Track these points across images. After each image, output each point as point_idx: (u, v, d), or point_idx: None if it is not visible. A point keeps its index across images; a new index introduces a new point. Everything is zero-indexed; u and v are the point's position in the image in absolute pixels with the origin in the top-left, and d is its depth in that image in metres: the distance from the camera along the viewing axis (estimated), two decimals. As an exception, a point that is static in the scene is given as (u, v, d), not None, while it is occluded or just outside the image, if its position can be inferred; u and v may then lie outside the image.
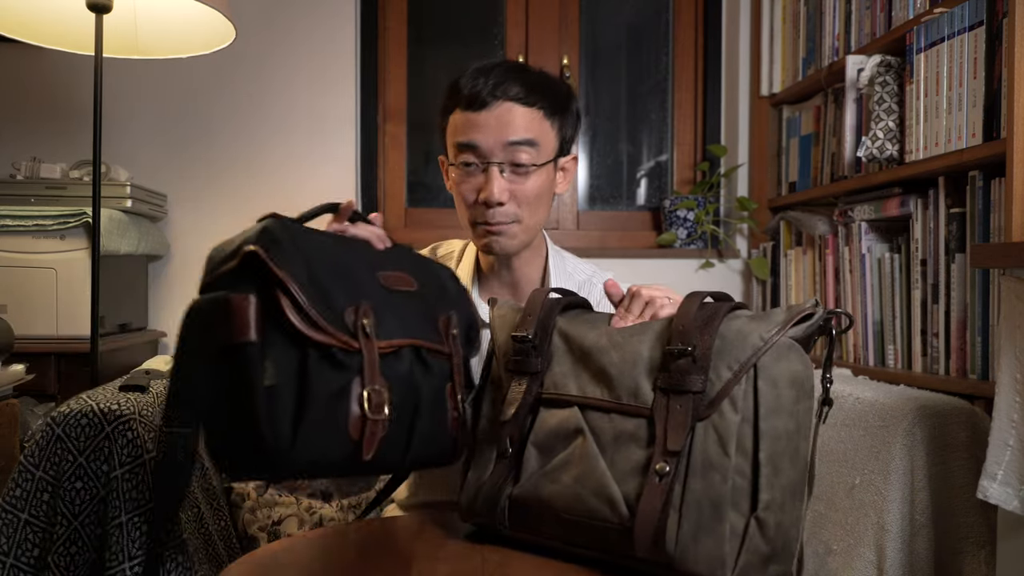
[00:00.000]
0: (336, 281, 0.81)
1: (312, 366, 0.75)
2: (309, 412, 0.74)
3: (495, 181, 1.13)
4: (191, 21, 1.83)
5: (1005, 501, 1.14)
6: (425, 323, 0.91)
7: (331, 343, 0.76)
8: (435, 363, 0.89)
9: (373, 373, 0.79)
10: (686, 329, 0.78)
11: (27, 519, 1.04)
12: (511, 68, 1.17)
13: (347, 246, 0.90)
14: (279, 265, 0.74)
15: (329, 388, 0.76)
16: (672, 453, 0.74)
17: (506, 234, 1.16)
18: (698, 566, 0.72)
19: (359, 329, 0.79)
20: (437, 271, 1.01)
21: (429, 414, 0.87)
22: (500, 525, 0.84)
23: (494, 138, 1.13)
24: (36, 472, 1.05)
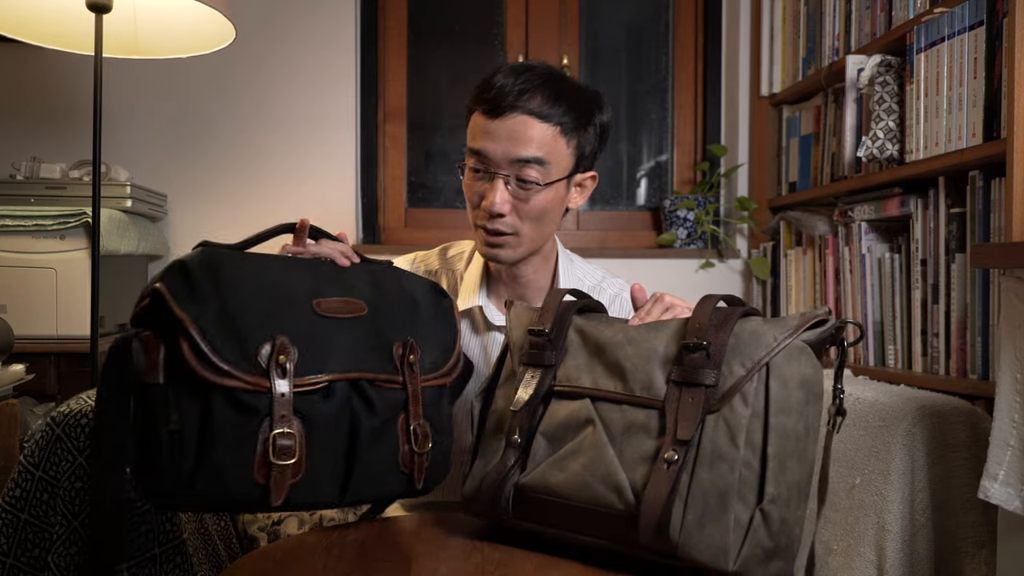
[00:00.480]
0: (254, 316, 0.78)
1: (216, 411, 0.74)
2: (212, 456, 0.73)
3: (498, 192, 1.11)
4: (191, 21, 1.83)
5: (1006, 501, 1.14)
6: (371, 352, 0.86)
7: (236, 386, 0.74)
8: (381, 395, 0.85)
9: (283, 415, 0.76)
10: (702, 326, 0.80)
11: (27, 519, 1.04)
12: (542, 76, 1.12)
13: (289, 272, 0.86)
14: (182, 306, 0.73)
15: (234, 433, 0.75)
16: (681, 442, 0.76)
17: (505, 246, 1.15)
18: (701, 555, 0.72)
19: (272, 368, 0.76)
20: (411, 288, 0.96)
21: (370, 451, 0.83)
22: (503, 514, 0.84)
23: (503, 150, 1.11)
24: (36, 472, 1.05)
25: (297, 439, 0.77)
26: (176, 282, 0.75)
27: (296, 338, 0.79)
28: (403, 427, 0.87)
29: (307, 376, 0.79)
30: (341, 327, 0.85)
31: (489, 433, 0.91)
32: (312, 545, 0.85)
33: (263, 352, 0.76)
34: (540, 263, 1.24)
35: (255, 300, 0.79)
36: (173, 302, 0.73)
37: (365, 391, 0.84)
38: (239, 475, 0.75)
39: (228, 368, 0.74)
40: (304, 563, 0.80)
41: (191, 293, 0.75)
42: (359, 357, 0.85)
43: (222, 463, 0.74)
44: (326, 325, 0.83)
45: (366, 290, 0.91)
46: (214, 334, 0.74)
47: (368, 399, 0.84)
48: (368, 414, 0.84)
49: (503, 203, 1.12)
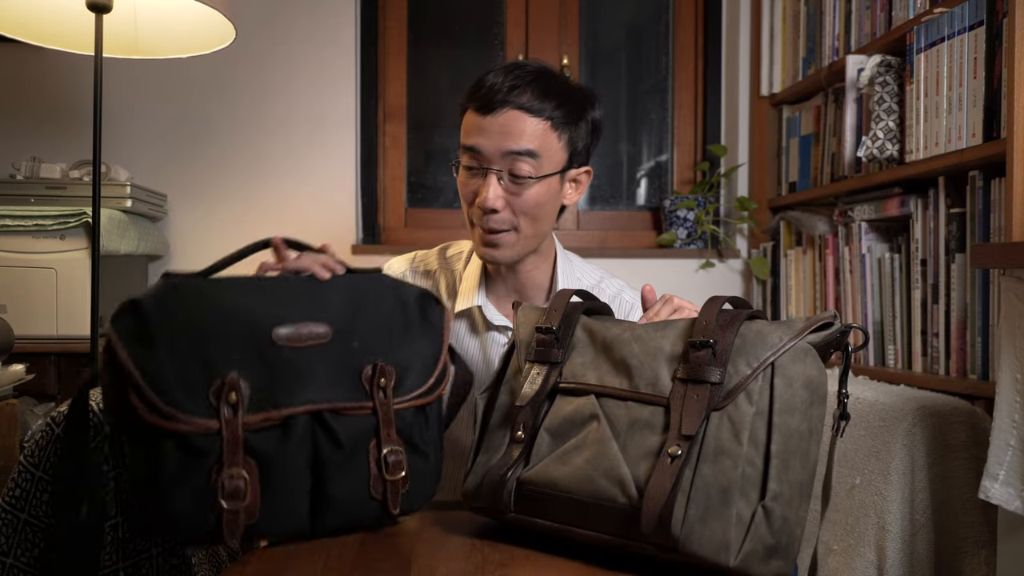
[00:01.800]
0: (206, 353, 0.76)
1: (166, 453, 0.73)
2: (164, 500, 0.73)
3: (491, 187, 1.12)
4: (191, 21, 1.83)
5: (1007, 501, 1.14)
6: (337, 381, 0.83)
7: (184, 430, 0.73)
8: (346, 424, 0.83)
9: (233, 456, 0.75)
10: (708, 325, 0.80)
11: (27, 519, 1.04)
12: (532, 72, 1.14)
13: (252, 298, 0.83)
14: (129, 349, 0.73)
15: (184, 474, 0.74)
16: (686, 437, 0.76)
17: (502, 244, 1.16)
18: (702, 549, 0.73)
19: (222, 407, 0.75)
20: (397, 300, 0.93)
21: (337, 483, 0.82)
22: (505, 508, 0.84)
23: (495, 145, 1.12)
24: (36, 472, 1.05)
25: (249, 480, 0.76)
26: (126, 324, 0.74)
27: (252, 373, 0.78)
28: (374, 455, 0.85)
29: (260, 413, 0.77)
30: (304, 356, 0.82)
31: (493, 428, 0.91)
32: (312, 545, 0.85)
33: (213, 390, 0.75)
34: (539, 261, 1.24)
35: (210, 336, 0.77)
36: (120, 346, 0.73)
37: (327, 422, 0.82)
38: (193, 517, 0.75)
39: (174, 412, 0.73)
40: (304, 563, 0.80)
41: (140, 334, 0.74)
42: (322, 387, 0.82)
43: (173, 504, 0.73)
44: (287, 356, 0.81)
45: (338, 309, 0.87)
46: (162, 378, 0.73)
47: (330, 430, 0.82)
48: (331, 446, 0.82)
49: (496, 198, 1.13)
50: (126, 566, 1.02)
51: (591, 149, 1.22)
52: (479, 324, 1.24)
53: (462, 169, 1.17)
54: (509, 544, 0.85)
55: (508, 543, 0.85)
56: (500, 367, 0.95)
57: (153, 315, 0.74)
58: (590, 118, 1.19)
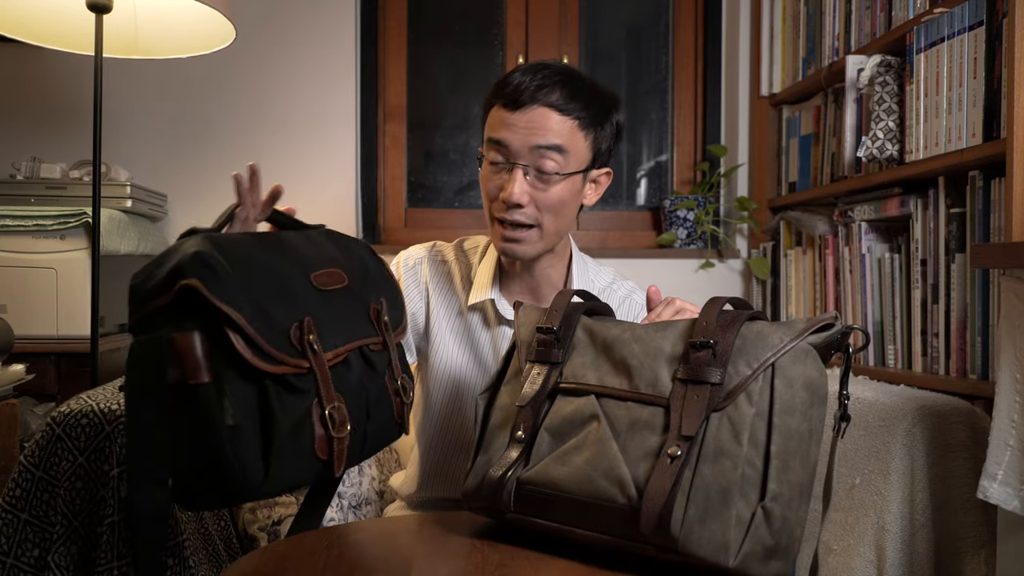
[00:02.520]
0: (277, 299, 0.78)
1: (272, 398, 0.75)
2: (276, 444, 0.74)
3: (517, 182, 1.13)
4: (191, 21, 1.83)
5: (1005, 501, 1.14)
6: (361, 319, 0.91)
7: (285, 371, 0.75)
8: (377, 358, 0.90)
9: (328, 391, 0.79)
10: (709, 326, 0.80)
11: (27, 519, 1.04)
12: (560, 72, 1.15)
13: (273, 250, 0.86)
14: (221, 298, 0.71)
15: (292, 417, 0.76)
16: (686, 438, 0.76)
17: (523, 241, 1.16)
18: (702, 550, 0.73)
19: (307, 348, 0.78)
20: (356, 250, 0.99)
21: (379, 411, 0.89)
22: (505, 508, 0.84)
23: (522, 140, 1.12)
24: (36, 472, 1.05)
25: (345, 408, 0.81)
26: (205, 274, 0.72)
27: (312, 315, 0.82)
28: (390, 382, 0.93)
29: (329, 351, 0.81)
30: (337, 299, 0.87)
31: (493, 429, 0.91)
32: (312, 545, 0.85)
33: (293, 334, 0.78)
34: (554, 260, 1.25)
35: (270, 284, 0.80)
36: (212, 296, 0.71)
37: (369, 357, 0.89)
38: (304, 456, 0.77)
39: (279, 355, 0.75)
40: (304, 563, 0.80)
41: (222, 284, 0.73)
42: (355, 326, 0.88)
43: (286, 448, 0.75)
44: (327, 299, 0.86)
45: (336, 256, 0.93)
46: (256, 323, 0.74)
47: (371, 364, 0.89)
48: (373, 376, 0.89)
49: (522, 194, 1.13)
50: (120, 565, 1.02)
51: (612, 151, 1.23)
52: (491, 318, 1.25)
53: (486, 164, 1.17)
54: (509, 544, 0.85)
55: (508, 543, 0.85)
56: (501, 367, 0.95)
57: (224, 266, 0.74)
58: (615, 120, 1.20)
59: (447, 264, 1.30)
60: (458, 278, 1.28)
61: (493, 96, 1.17)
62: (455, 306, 1.27)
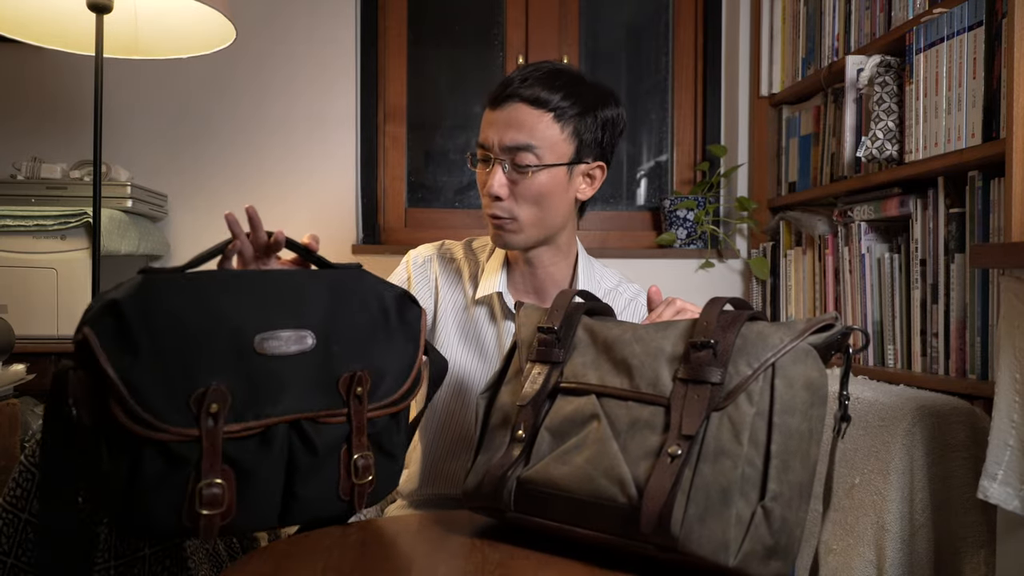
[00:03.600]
0: (190, 357, 0.75)
1: (145, 461, 0.73)
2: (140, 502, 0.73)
3: (495, 176, 1.18)
4: (191, 21, 1.83)
5: (1005, 501, 1.14)
6: (316, 389, 0.84)
7: (165, 439, 0.73)
8: (322, 432, 0.84)
9: (212, 465, 0.75)
10: (709, 326, 0.81)
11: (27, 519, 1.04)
12: (546, 70, 1.19)
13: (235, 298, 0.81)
14: (110, 357, 0.71)
15: (163, 482, 0.74)
16: (686, 437, 0.76)
17: (506, 229, 1.20)
18: (702, 549, 0.73)
19: (203, 416, 0.74)
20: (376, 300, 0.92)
21: (307, 487, 0.83)
22: (505, 507, 0.84)
23: (498, 137, 1.17)
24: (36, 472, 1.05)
25: (226, 488, 0.76)
26: (105, 326, 0.72)
27: (234, 381, 0.77)
28: (344, 459, 0.86)
29: (241, 422, 0.77)
30: (287, 364, 0.82)
31: (494, 428, 0.91)
32: (312, 545, 0.85)
33: (194, 397, 0.74)
34: (556, 256, 1.26)
35: (193, 341, 0.76)
36: (100, 353, 0.71)
37: (305, 431, 0.82)
38: (168, 520, 0.75)
39: (155, 422, 0.72)
40: (304, 563, 0.80)
41: (122, 338, 0.72)
42: (303, 395, 0.82)
43: (150, 509, 0.74)
44: (269, 365, 0.80)
45: (321, 311, 0.86)
46: (144, 383, 0.72)
47: (307, 438, 0.83)
48: (306, 452, 0.83)
49: (500, 186, 1.18)
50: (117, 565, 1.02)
51: (605, 145, 1.24)
52: (497, 312, 1.26)
53: (479, 162, 1.22)
54: (509, 544, 0.85)
55: (508, 543, 0.86)
56: (501, 367, 0.96)
57: (134, 318, 0.73)
58: (601, 114, 1.22)
59: (456, 261, 1.33)
60: (466, 274, 1.31)
61: (485, 99, 1.23)
62: (461, 301, 1.29)
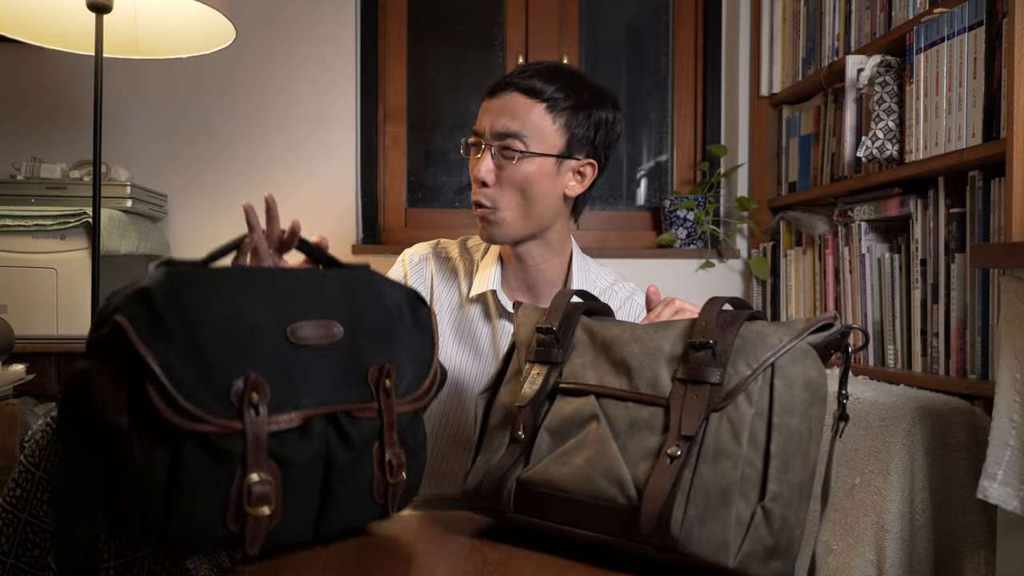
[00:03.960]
0: (225, 349, 0.71)
1: (187, 457, 0.68)
2: (182, 504, 0.68)
3: (483, 161, 1.18)
4: (191, 21, 1.83)
5: (1005, 501, 1.14)
6: (347, 381, 0.80)
7: (208, 431, 0.68)
8: (357, 426, 0.80)
9: (258, 459, 0.70)
10: (708, 326, 0.80)
11: (27, 519, 1.04)
12: (546, 65, 1.21)
13: (261, 292, 0.78)
14: (146, 342, 0.67)
15: (207, 479, 0.69)
16: (685, 438, 0.76)
17: (489, 221, 1.20)
18: (702, 550, 0.73)
19: (245, 407, 0.70)
20: (388, 298, 0.90)
21: (344, 484, 0.79)
22: (505, 508, 0.84)
23: (490, 123, 1.18)
24: (36, 472, 1.05)
25: (274, 484, 0.72)
26: (139, 313, 0.68)
27: (270, 372, 0.74)
28: (377, 457, 0.82)
29: (282, 414, 0.73)
30: (317, 356, 0.79)
31: (493, 429, 0.91)
32: (312, 545, 0.85)
33: (235, 390, 0.70)
34: (547, 253, 1.26)
35: (226, 330, 0.72)
36: (136, 338, 0.66)
37: (341, 424, 0.79)
38: (212, 523, 0.70)
39: (198, 412, 0.68)
40: (304, 563, 0.80)
41: (156, 326, 0.68)
42: (336, 387, 0.79)
43: (193, 511, 0.69)
44: (302, 355, 0.77)
45: (342, 307, 0.84)
46: (182, 373, 0.68)
47: (344, 432, 0.79)
48: (343, 448, 0.79)
49: (487, 172, 1.18)
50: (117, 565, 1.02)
51: (598, 144, 1.23)
52: (492, 310, 1.26)
53: (471, 148, 1.23)
54: (509, 544, 0.85)
55: (508, 543, 0.86)
56: (500, 367, 0.96)
57: (166, 307, 0.69)
58: (595, 113, 1.22)
59: (451, 260, 1.32)
60: (461, 273, 1.31)
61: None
62: (456, 300, 1.29)
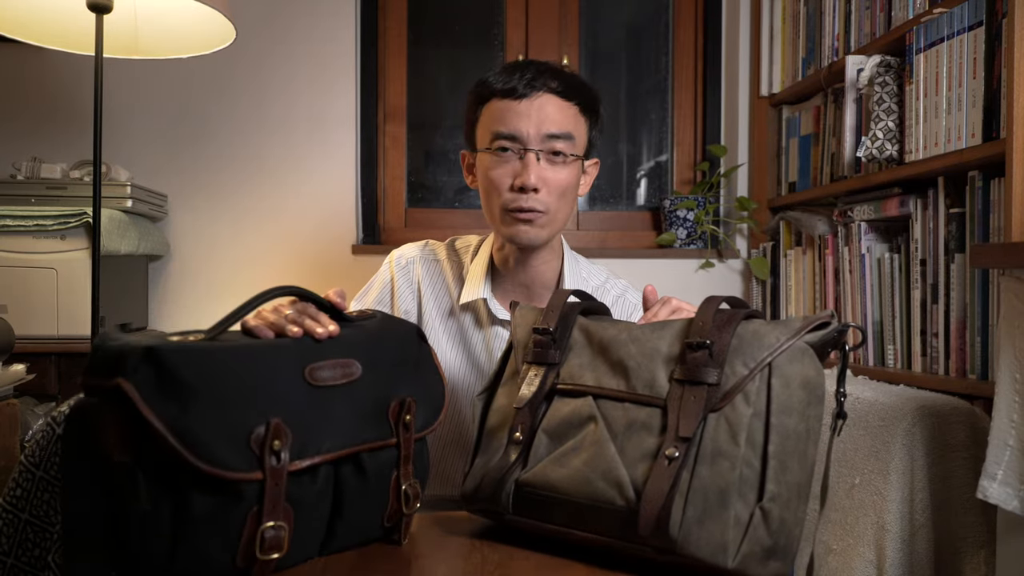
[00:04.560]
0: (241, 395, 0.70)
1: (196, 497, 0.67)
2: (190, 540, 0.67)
3: (532, 167, 1.15)
4: (191, 21, 1.83)
5: (1005, 501, 1.14)
6: (367, 419, 0.80)
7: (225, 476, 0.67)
8: (376, 460, 0.81)
9: (275, 506, 0.69)
10: (705, 326, 0.80)
11: (27, 519, 1.04)
12: (545, 65, 1.20)
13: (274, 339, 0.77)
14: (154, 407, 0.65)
15: (217, 518, 0.68)
16: (683, 439, 0.76)
17: (535, 223, 1.17)
18: (700, 551, 0.73)
19: (267, 455, 0.69)
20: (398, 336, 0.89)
21: (354, 510, 0.80)
22: (503, 510, 0.84)
23: (535, 127, 1.15)
24: (36, 472, 1.05)
25: (287, 529, 0.71)
26: (144, 376, 0.66)
27: (291, 416, 0.72)
28: (394, 487, 0.83)
29: (304, 459, 0.72)
30: (337, 396, 0.78)
31: (491, 430, 0.91)
32: (312, 545, 0.85)
33: (255, 436, 0.69)
34: (549, 256, 1.26)
35: (244, 377, 0.71)
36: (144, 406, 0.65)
37: (362, 462, 0.79)
38: (221, 561, 0.69)
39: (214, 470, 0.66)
40: (304, 563, 0.80)
41: (165, 388, 0.66)
42: (356, 426, 0.79)
43: (201, 549, 0.68)
44: (322, 396, 0.76)
45: (359, 346, 0.83)
46: (197, 431, 0.66)
47: (361, 467, 0.79)
48: (358, 479, 0.79)
49: (539, 178, 1.15)
50: None
51: (597, 143, 1.27)
52: (483, 318, 1.26)
53: (493, 155, 1.17)
54: (509, 544, 0.85)
55: (508, 543, 0.86)
56: (498, 368, 0.95)
57: (179, 363, 0.67)
58: (601, 113, 1.25)
59: (439, 263, 1.31)
60: (450, 277, 1.29)
61: (486, 92, 1.19)
62: (447, 305, 1.28)
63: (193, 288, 2.33)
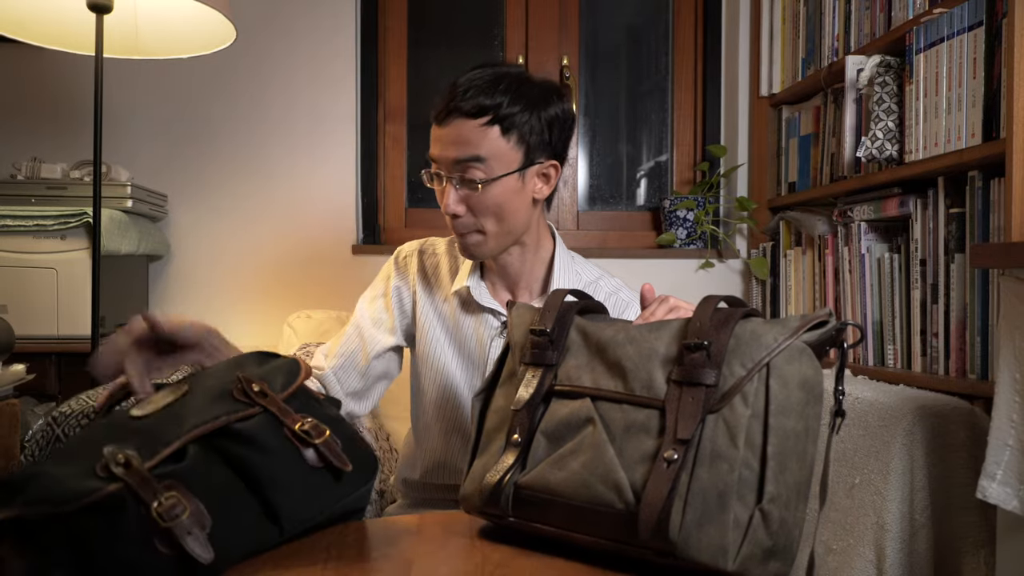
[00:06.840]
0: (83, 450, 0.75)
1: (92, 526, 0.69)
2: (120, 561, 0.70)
3: (449, 194, 1.17)
4: (191, 21, 1.83)
5: (1004, 501, 1.14)
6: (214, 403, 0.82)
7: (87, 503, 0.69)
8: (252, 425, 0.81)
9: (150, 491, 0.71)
10: (703, 326, 0.80)
11: (27, 519, 1.04)
12: (486, 77, 1.17)
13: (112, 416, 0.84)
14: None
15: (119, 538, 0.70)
16: (681, 441, 0.76)
17: (471, 242, 1.21)
18: (700, 554, 0.72)
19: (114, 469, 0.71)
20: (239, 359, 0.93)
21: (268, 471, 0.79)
22: (502, 513, 0.84)
23: (446, 154, 1.16)
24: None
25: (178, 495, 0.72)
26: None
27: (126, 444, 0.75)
28: (291, 436, 0.82)
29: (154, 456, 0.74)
30: (172, 409, 0.81)
31: (489, 432, 0.91)
32: (312, 545, 0.85)
33: (101, 463, 0.72)
34: (524, 254, 1.27)
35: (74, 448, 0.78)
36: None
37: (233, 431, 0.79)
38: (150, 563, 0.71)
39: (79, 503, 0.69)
40: (304, 563, 0.80)
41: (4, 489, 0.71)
42: (202, 412, 0.80)
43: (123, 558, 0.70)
44: (151, 419, 0.81)
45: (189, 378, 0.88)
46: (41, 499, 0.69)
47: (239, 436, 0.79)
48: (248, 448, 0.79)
49: (455, 204, 1.17)
50: None
51: (555, 143, 1.22)
52: (471, 305, 1.29)
53: (434, 177, 1.21)
54: (509, 544, 0.85)
55: (508, 543, 0.86)
56: (495, 369, 0.95)
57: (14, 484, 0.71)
58: (545, 113, 1.19)
59: (437, 256, 1.35)
60: (445, 269, 1.33)
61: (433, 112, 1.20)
62: (441, 296, 1.32)
63: (193, 288, 2.33)
